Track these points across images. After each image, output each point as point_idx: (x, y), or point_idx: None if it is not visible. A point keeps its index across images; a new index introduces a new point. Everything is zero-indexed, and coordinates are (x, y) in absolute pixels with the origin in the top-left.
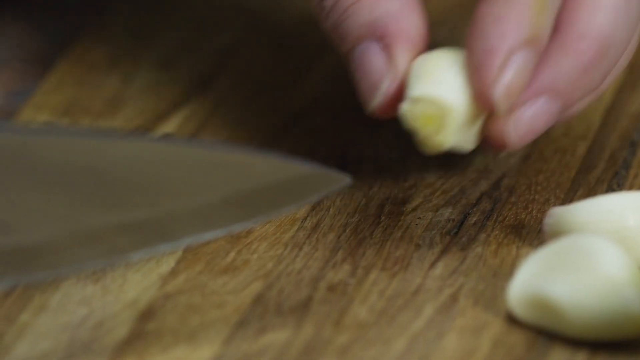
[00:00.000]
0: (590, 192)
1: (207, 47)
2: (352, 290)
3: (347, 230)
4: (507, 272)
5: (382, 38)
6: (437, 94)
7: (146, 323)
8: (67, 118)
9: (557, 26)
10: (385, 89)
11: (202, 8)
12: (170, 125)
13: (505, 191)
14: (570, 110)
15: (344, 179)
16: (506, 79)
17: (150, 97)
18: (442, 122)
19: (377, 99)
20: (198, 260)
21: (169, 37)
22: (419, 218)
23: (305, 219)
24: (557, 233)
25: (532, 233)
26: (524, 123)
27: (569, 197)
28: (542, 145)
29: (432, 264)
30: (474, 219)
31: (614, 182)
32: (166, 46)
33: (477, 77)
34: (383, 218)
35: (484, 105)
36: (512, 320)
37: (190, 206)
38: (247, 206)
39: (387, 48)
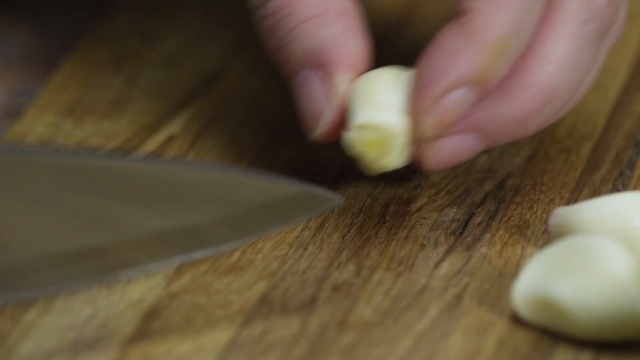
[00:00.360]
0: (595, 192)
1: (211, 47)
2: (357, 290)
3: (352, 230)
4: (511, 272)
5: (322, 66)
6: (382, 119)
7: (151, 323)
8: (71, 118)
9: (508, 77)
10: (326, 119)
11: (207, 8)
12: (174, 125)
13: (510, 191)
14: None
15: (334, 199)
16: (439, 110)
17: (155, 97)
18: (387, 147)
19: (319, 130)
20: (203, 260)
21: (174, 37)
22: (424, 218)
23: (309, 219)
24: (562, 233)
25: (537, 233)
26: (444, 152)
27: (574, 197)
28: (547, 145)
29: (437, 264)
30: (479, 219)
31: (619, 182)
32: (171, 46)
33: (414, 100)
34: (388, 218)
35: (412, 127)
36: (517, 320)
37: (179, 226)
38: (235, 227)
39: (327, 76)
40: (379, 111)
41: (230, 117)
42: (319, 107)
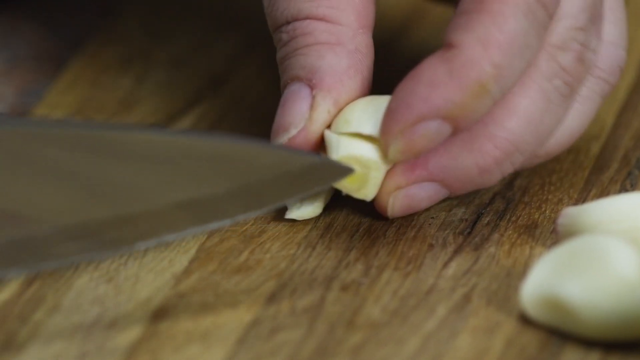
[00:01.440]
0: (604, 192)
1: (220, 47)
2: (365, 290)
3: (360, 230)
4: (520, 272)
5: (314, 87)
6: (360, 152)
7: (159, 322)
8: (80, 117)
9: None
10: (291, 134)
11: (215, 9)
12: (183, 125)
13: (519, 191)
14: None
15: (348, 170)
16: (410, 136)
17: (164, 97)
18: (366, 178)
19: (280, 140)
20: (211, 259)
21: (182, 37)
22: (432, 218)
23: (318, 218)
24: (570, 233)
25: (546, 233)
26: (404, 200)
27: (582, 197)
28: None
29: (445, 264)
30: (487, 218)
31: (627, 182)
32: (179, 45)
33: (387, 121)
34: (396, 218)
35: (380, 148)
36: (525, 320)
37: (196, 197)
38: (251, 197)
39: (313, 98)
40: (357, 143)
41: (237, 117)
42: (291, 120)
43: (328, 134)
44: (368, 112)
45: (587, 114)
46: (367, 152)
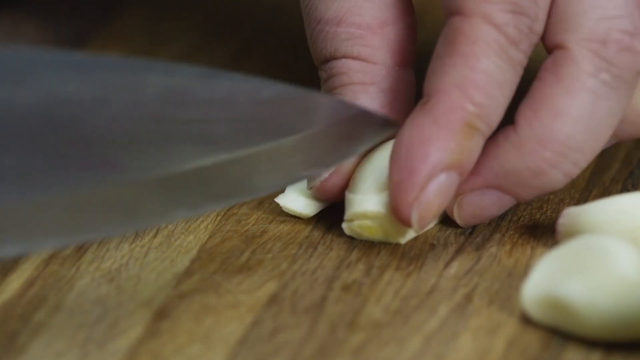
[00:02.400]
0: (605, 192)
1: (221, 47)
2: (367, 290)
3: None
4: (521, 272)
5: None
6: (373, 207)
7: (160, 322)
8: None
9: (518, 123)
10: (323, 177)
11: (216, 9)
12: None
13: None
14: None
15: (394, 123)
16: (424, 200)
17: None
18: (389, 228)
19: (314, 183)
20: (212, 259)
21: (183, 37)
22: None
23: (319, 219)
24: (572, 233)
25: (547, 233)
26: (470, 207)
27: (584, 197)
28: None
29: (447, 264)
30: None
31: (629, 182)
32: (180, 45)
33: (396, 195)
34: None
35: (400, 222)
36: (526, 320)
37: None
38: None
39: None
40: (372, 196)
41: None
42: None
43: (350, 194)
44: (375, 175)
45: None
46: (373, 205)
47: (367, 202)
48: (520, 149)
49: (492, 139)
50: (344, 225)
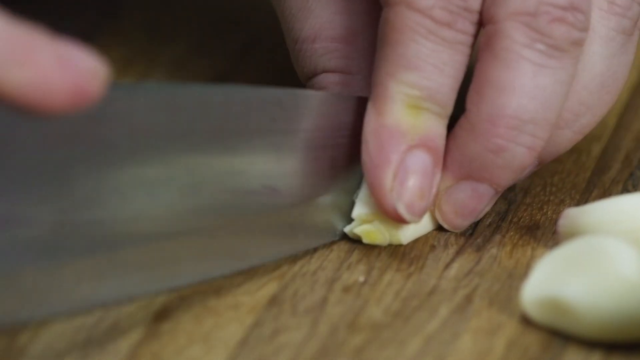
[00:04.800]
0: (605, 193)
1: (222, 47)
2: (367, 291)
3: None
4: (522, 273)
5: None
6: (373, 210)
7: (161, 324)
8: None
9: (467, 108)
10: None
11: (216, 8)
12: None
13: (520, 192)
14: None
15: None
16: (400, 185)
17: None
18: (390, 229)
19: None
20: None
21: (185, 37)
22: None
23: None
24: (572, 234)
25: (547, 234)
26: (449, 209)
27: (584, 198)
28: None
29: (447, 265)
30: (489, 220)
31: (629, 183)
32: (182, 46)
33: (373, 190)
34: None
35: (390, 216)
36: (526, 321)
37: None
38: None
39: None
40: (364, 201)
41: None
42: None
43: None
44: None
45: (613, 52)
46: (363, 209)
47: (368, 205)
48: (475, 132)
49: (451, 133)
50: (347, 229)
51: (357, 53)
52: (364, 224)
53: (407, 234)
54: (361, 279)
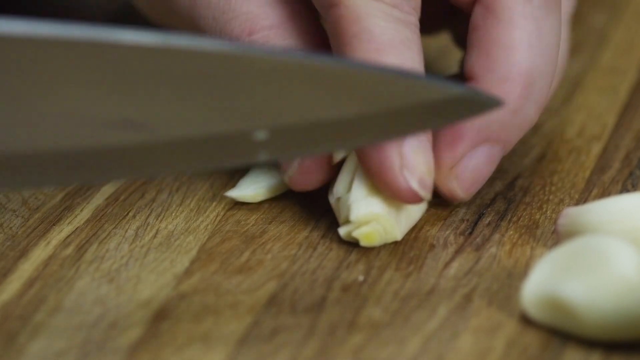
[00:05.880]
0: (605, 193)
1: None
2: (366, 291)
3: None
4: (521, 272)
5: None
6: (373, 209)
7: (160, 323)
8: None
9: (477, 74)
10: (294, 167)
11: None
12: None
13: (520, 191)
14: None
15: (497, 102)
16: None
17: None
18: (386, 228)
19: (287, 175)
20: (212, 260)
21: None
22: (433, 218)
23: (319, 219)
24: (571, 233)
25: (547, 233)
26: (467, 176)
27: (584, 197)
28: (556, 145)
29: (447, 264)
30: (488, 219)
31: (629, 183)
32: None
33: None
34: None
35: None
36: (526, 320)
37: (331, 118)
38: (387, 124)
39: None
40: (373, 198)
41: None
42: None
43: (342, 199)
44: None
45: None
46: (378, 207)
47: (372, 205)
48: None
49: None
50: (342, 230)
51: (300, 30)
52: (361, 227)
53: (402, 228)
54: (360, 278)
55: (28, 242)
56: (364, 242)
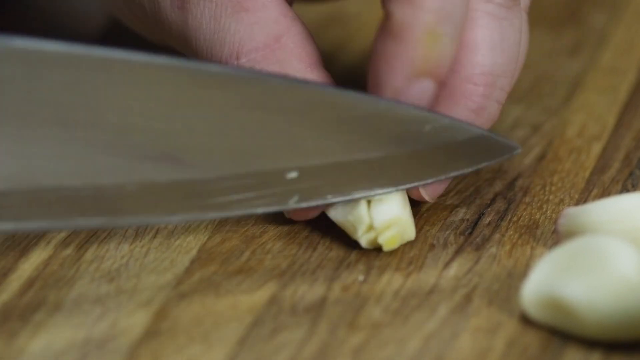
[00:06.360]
0: (605, 193)
1: None
2: (367, 290)
3: None
4: (521, 272)
5: None
6: (396, 212)
7: (160, 323)
8: None
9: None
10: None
11: None
12: None
13: (520, 191)
14: None
15: (515, 147)
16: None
17: None
18: (403, 231)
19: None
20: (212, 260)
21: None
22: (433, 218)
23: (319, 218)
24: (571, 233)
25: (547, 233)
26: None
27: (584, 197)
28: (556, 145)
29: (447, 264)
30: (489, 219)
31: (629, 183)
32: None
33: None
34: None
35: None
36: (526, 320)
37: (359, 159)
38: (414, 165)
39: None
40: (386, 207)
41: None
42: None
43: (355, 213)
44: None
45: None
46: (398, 210)
47: (392, 209)
48: (456, 96)
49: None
50: (364, 240)
51: (286, 54)
52: (384, 232)
53: (413, 227)
54: (360, 278)
55: (28, 242)
56: (387, 247)
